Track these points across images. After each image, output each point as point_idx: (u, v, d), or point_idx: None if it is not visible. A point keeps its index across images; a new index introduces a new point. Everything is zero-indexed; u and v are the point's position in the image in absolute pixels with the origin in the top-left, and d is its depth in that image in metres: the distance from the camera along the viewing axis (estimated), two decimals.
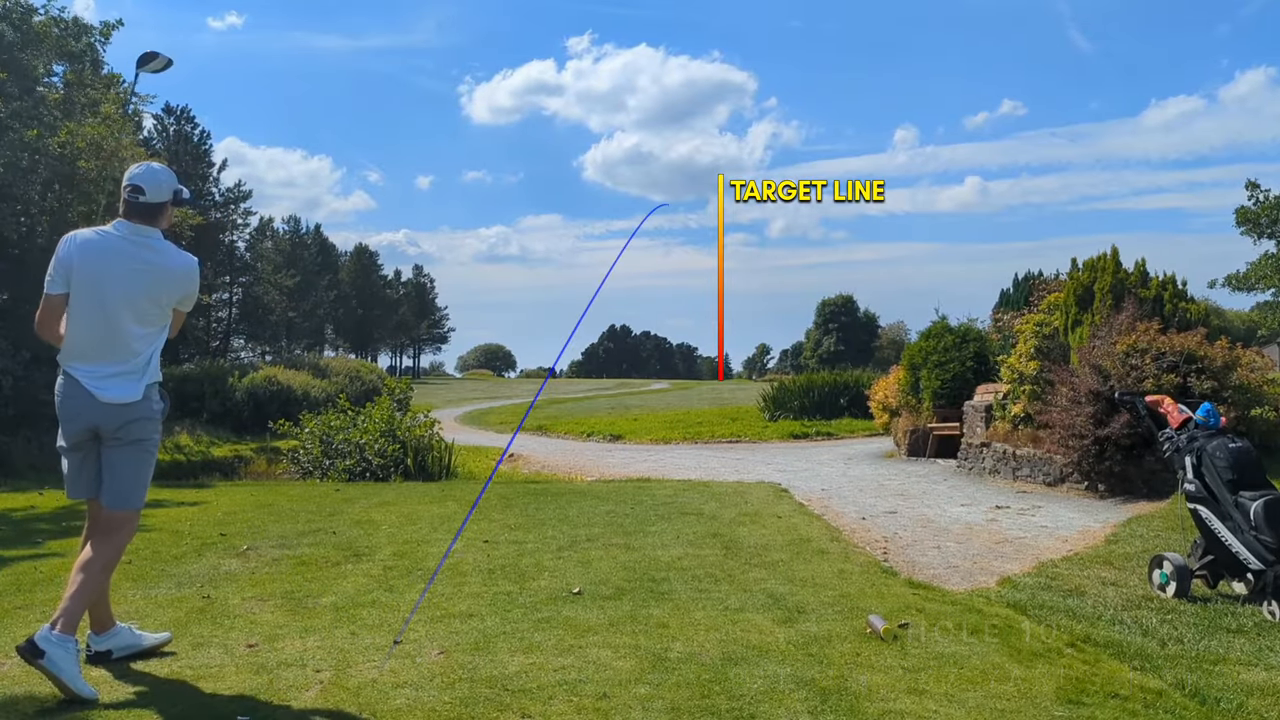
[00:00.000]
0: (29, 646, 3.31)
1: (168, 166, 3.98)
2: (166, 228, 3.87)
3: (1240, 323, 29.83)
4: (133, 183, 3.74)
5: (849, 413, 21.54)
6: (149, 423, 3.75)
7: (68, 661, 3.33)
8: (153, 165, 3.86)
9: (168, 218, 3.85)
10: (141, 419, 3.71)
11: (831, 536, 7.03)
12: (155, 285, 3.71)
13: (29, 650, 3.30)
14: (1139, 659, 4.03)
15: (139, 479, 3.75)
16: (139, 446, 3.73)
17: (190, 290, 3.86)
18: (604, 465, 14.73)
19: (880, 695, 3.46)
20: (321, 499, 8.99)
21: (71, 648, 3.37)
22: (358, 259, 78.33)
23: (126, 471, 3.71)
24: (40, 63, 17.12)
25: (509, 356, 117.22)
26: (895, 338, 65.33)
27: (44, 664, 3.28)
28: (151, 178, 3.77)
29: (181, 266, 3.80)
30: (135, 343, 3.69)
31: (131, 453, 3.72)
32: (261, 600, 4.87)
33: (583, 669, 3.72)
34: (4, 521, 7.88)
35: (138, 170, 3.80)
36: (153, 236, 3.74)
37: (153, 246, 3.72)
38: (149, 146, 35.31)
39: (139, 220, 3.73)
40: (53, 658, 3.29)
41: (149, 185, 3.74)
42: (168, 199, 3.80)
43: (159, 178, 3.79)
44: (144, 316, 3.71)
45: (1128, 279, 11.28)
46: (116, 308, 3.64)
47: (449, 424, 20.95)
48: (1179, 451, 5.43)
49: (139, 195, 3.72)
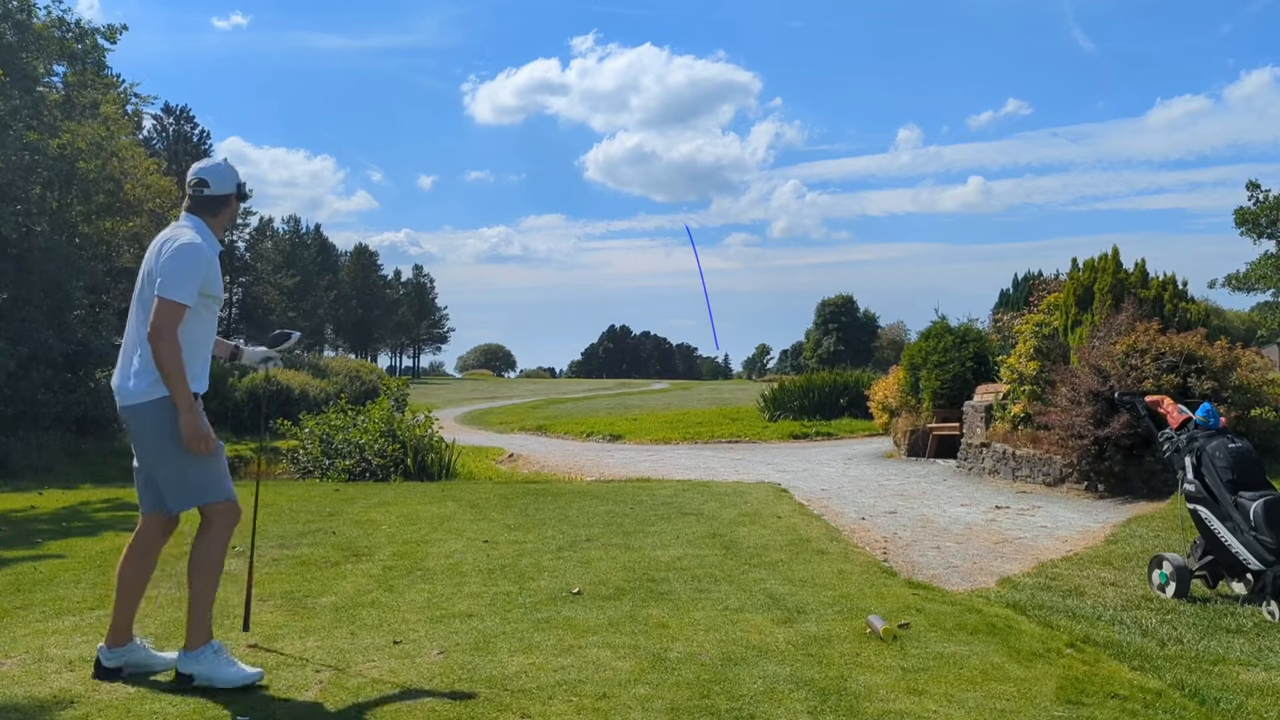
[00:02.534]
0: (177, 678, 3.50)
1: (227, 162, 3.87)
2: (229, 223, 3.81)
3: (1240, 323, 29.81)
4: (198, 176, 3.70)
5: (849, 413, 21.55)
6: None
7: (214, 669, 3.47)
8: (217, 159, 3.81)
9: (232, 212, 3.81)
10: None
11: (831, 537, 7.03)
12: None
13: (180, 681, 3.48)
14: (1139, 659, 4.02)
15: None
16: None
17: (159, 266, 3.53)
18: (604, 465, 14.72)
19: (880, 695, 3.46)
20: (321, 499, 8.98)
21: (208, 655, 3.49)
22: (358, 259, 78.39)
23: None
24: (40, 63, 17.12)
25: (509, 356, 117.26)
26: (895, 338, 65.27)
27: (197, 683, 3.45)
28: (216, 171, 3.73)
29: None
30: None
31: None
32: (261, 600, 4.86)
33: (582, 669, 3.72)
34: (4, 521, 7.88)
35: (203, 164, 3.76)
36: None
37: None
38: (149, 146, 35.34)
39: (201, 214, 3.69)
40: (199, 675, 3.48)
41: (214, 178, 3.70)
42: (232, 192, 3.76)
43: (222, 171, 3.74)
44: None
45: (1128, 279, 11.28)
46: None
47: (449, 424, 20.95)
48: (1179, 452, 5.43)
49: (203, 189, 3.68)
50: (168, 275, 3.50)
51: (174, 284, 3.48)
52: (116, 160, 19.03)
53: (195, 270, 3.52)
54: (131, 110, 22.07)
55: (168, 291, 3.47)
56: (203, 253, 3.57)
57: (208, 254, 3.60)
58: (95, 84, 18.43)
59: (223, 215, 3.77)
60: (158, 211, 23.99)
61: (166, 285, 3.48)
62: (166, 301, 3.46)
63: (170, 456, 3.56)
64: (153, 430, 3.55)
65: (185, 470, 3.57)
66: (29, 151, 16.03)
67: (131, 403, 3.57)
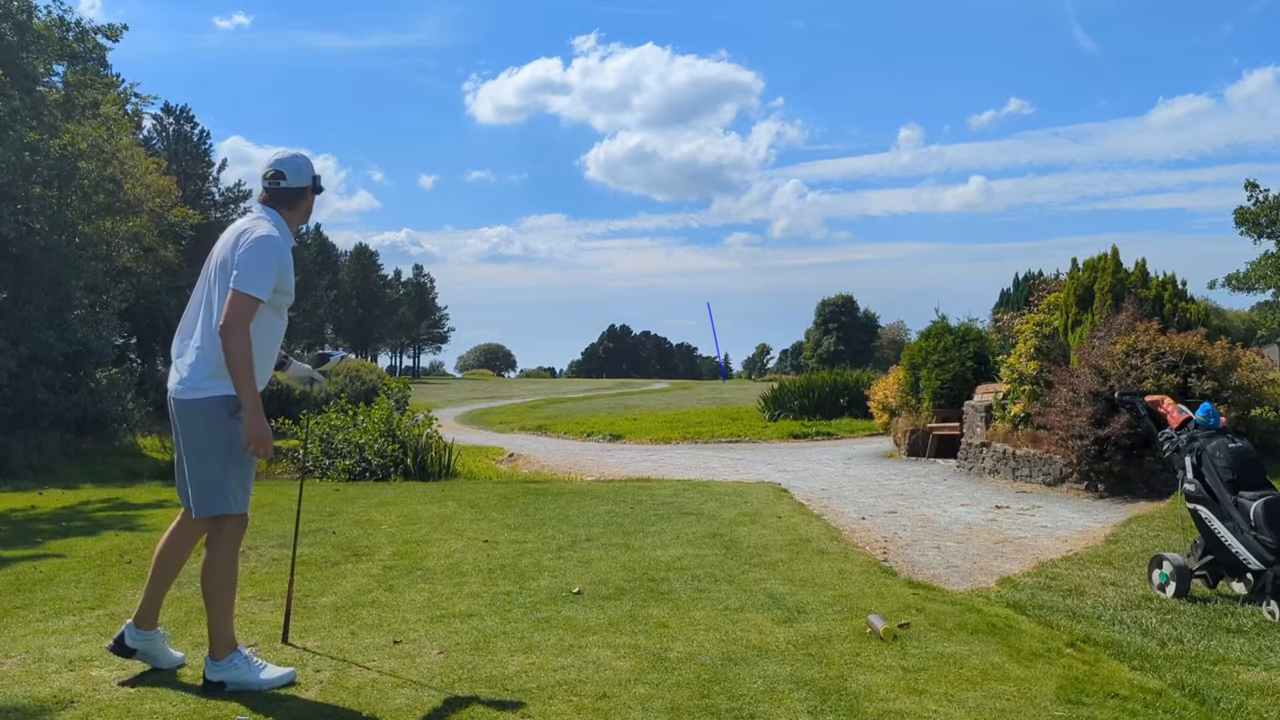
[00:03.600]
0: (205, 686, 3.48)
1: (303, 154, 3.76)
2: (305, 219, 3.76)
3: (1240, 323, 29.82)
4: (274, 168, 3.64)
5: (849, 413, 21.55)
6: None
7: (245, 674, 3.47)
8: (295, 151, 3.72)
9: (308, 206, 3.75)
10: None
11: (831, 536, 7.03)
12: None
13: (209, 689, 3.46)
14: (1139, 659, 4.02)
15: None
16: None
17: (236, 258, 3.43)
18: (604, 465, 14.72)
19: (880, 695, 3.46)
20: (321, 499, 8.98)
21: (237, 660, 3.49)
22: (357, 259, 78.40)
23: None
24: (40, 63, 17.12)
25: (509, 356, 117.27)
26: (895, 338, 65.25)
27: (230, 690, 3.44)
28: (293, 163, 3.67)
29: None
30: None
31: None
32: (261, 600, 4.86)
33: (582, 669, 3.72)
34: (4, 521, 7.88)
35: (280, 155, 3.69)
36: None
37: None
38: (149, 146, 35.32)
39: (278, 206, 3.65)
40: (231, 681, 3.46)
41: (290, 170, 3.65)
42: (308, 184, 3.71)
43: (299, 163, 3.68)
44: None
45: (1128, 279, 11.28)
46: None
47: (449, 424, 20.95)
48: (1179, 451, 5.43)
49: (279, 181, 3.63)
50: (244, 268, 3.40)
51: (250, 277, 3.39)
52: (116, 161, 19.04)
53: (272, 265, 3.45)
54: (131, 110, 22.09)
55: (243, 285, 3.38)
56: (279, 246, 3.51)
57: (284, 248, 3.54)
58: (96, 84, 18.43)
59: (299, 209, 3.71)
60: (157, 211, 24.00)
61: (242, 278, 3.38)
62: (241, 295, 3.37)
63: (210, 459, 3.48)
64: (201, 429, 3.47)
65: (223, 475, 3.49)
66: (29, 151, 16.03)
67: (184, 398, 3.48)
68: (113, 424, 17.94)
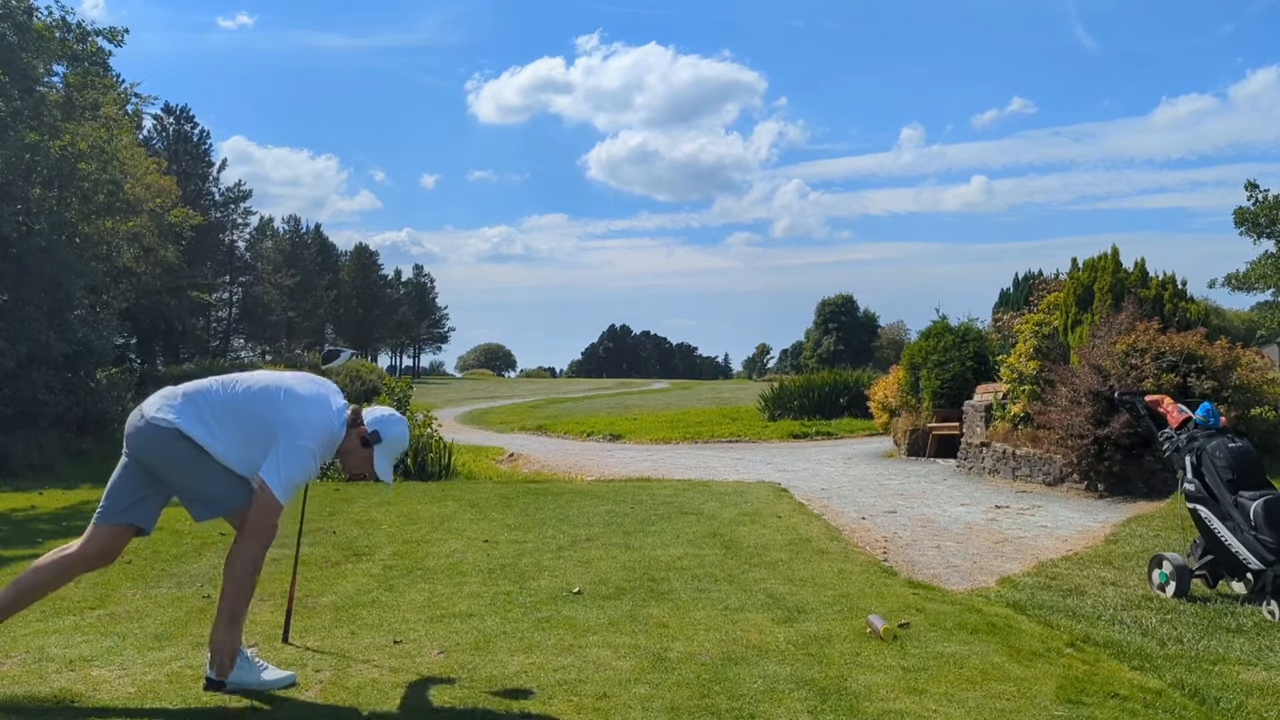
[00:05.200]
0: (207, 683, 3.47)
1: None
2: (354, 463, 3.73)
3: (1240, 323, 29.86)
4: (374, 429, 3.70)
5: (849, 412, 21.54)
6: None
7: (246, 674, 3.48)
8: (403, 421, 3.80)
9: (364, 456, 3.71)
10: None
11: (831, 536, 7.03)
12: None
13: (211, 687, 3.46)
14: (1139, 659, 4.02)
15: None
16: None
17: (282, 438, 3.51)
18: (604, 465, 14.72)
19: (880, 695, 3.46)
20: (321, 498, 8.98)
21: (239, 660, 3.48)
22: (358, 258, 78.34)
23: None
24: (41, 63, 17.12)
25: (509, 356, 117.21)
26: (895, 337, 65.25)
27: (230, 690, 3.45)
28: (393, 431, 3.72)
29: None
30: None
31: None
32: (261, 600, 4.86)
33: (582, 669, 3.72)
34: (4, 521, 7.88)
35: (388, 417, 3.75)
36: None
37: None
38: (149, 146, 35.34)
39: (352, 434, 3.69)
40: (231, 681, 3.46)
41: (385, 434, 3.71)
42: (378, 443, 3.71)
43: (396, 432, 3.74)
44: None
45: (1128, 279, 11.29)
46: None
47: (449, 424, 20.95)
48: (1178, 451, 5.43)
49: (374, 440, 3.69)
50: (286, 466, 3.42)
51: (284, 484, 3.42)
52: (117, 161, 19.03)
53: (305, 474, 3.51)
54: (132, 110, 22.09)
55: (276, 487, 3.40)
56: (313, 453, 3.51)
57: (321, 450, 3.56)
58: (96, 84, 18.42)
59: (361, 455, 3.69)
60: (157, 211, 24.02)
61: (276, 480, 3.40)
62: (272, 498, 3.41)
63: (199, 474, 3.53)
64: (168, 454, 3.53)
65: (221, 482, 3.53)
66: (29, 152, 16.02)
67: (158, 417, 3.50)
68: (113, 424, 17.88)
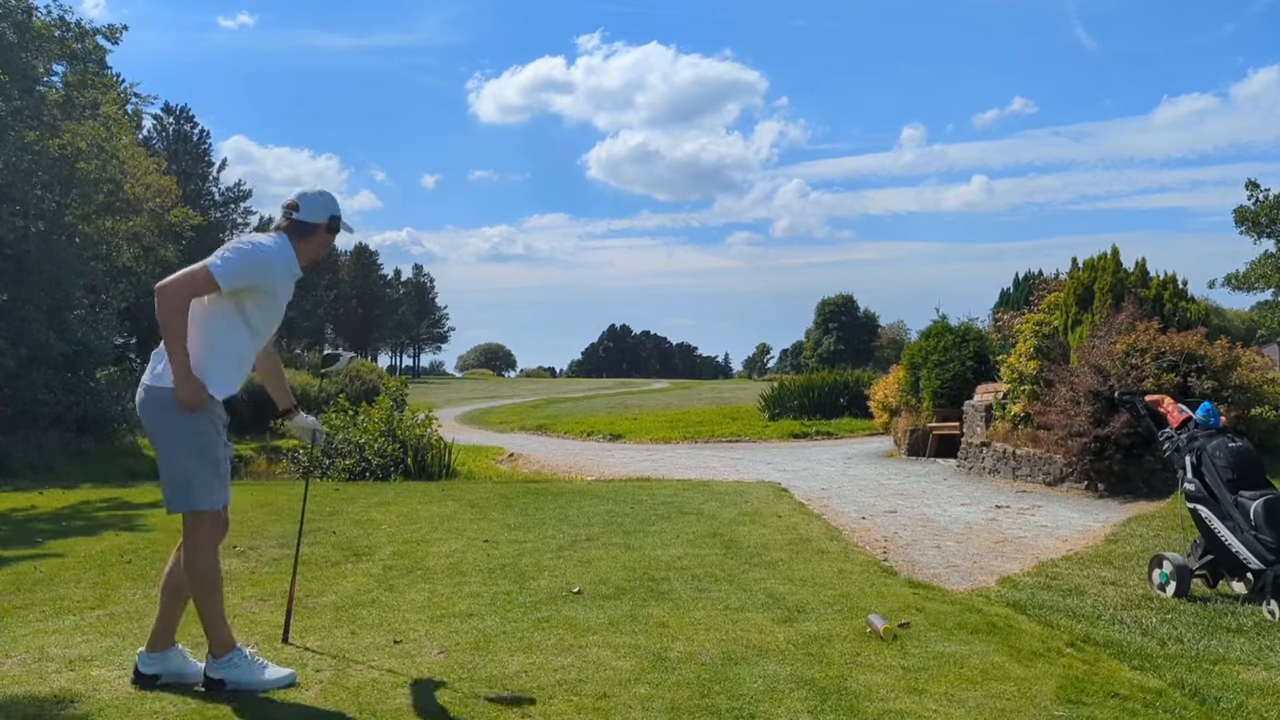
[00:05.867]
0: (206, 683, 3.48)
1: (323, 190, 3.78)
2: (315, 255, 3.73)
3: (1240, 322, 29.83)
4: (294, 198, 3.68)
5: (849, 412, 21.55)
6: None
7: (246, 673, 3.47)
8: (322, 189, 3.77)
9: (319, 243, 3.73)
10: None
11: (831, 536, 7.02)
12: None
13: (209, 687, 3.47)
14: (1139, 659, 4.02)
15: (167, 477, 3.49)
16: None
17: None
18: (604, 465, 14.72)
19: (880, 695, 3.46)
20: (322, 499, 8.98)
21: (238, 659, 3.49)
22: (358, 258, 78.37)
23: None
24: (40, 63, 17.11)
25: (509, 356, 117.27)
26: (895, 337, 65.25)
27: (229, 691, 3.44)
28: (312, 199, 3.70)
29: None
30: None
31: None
32: (261, 600, 4.87)
33: (582, 668, 3.72)
34: (4, 521, 7.88)
35: (306, 189, 3.74)
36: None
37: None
38: (149, 146, 35.33)
39: (289, 234, 3.66)
40: (231, 680, 3.46)
41: (305, 204, 3.66)
42: (320, 222, 3.70)
43: (317, 200, 3.70)
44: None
45: (1128, 278, 11.28)
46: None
47: (449, 423, 20.95)
48: (1179, 451, 5.43)
49: (293, 211, 3.66)
50: (222, 251, 3.48)
51: (222, 261, 3.43)
52: (116, 161, 19.02)
53: (250, 265, 3.47)
54: (131, 110, 22.07)
55: (211, 261, 3.43)
56: (269, 256, 3.52)
57: (273, 262, 3.55)
58: (95, 84, 18.40)
59: (308, 243, 3.69)
60: (157, 211, 24.00)
61: (214, 257, 3.45)
62: (201, 267, 3.42)
63: (172, 449, 3.45)
64: (158, 419, 3.45)
65: (187, 468, 3.44)
66: (29, 152, 16.02)
67: (146, 383, 3.49)
68: (113, 424, 17.92)
